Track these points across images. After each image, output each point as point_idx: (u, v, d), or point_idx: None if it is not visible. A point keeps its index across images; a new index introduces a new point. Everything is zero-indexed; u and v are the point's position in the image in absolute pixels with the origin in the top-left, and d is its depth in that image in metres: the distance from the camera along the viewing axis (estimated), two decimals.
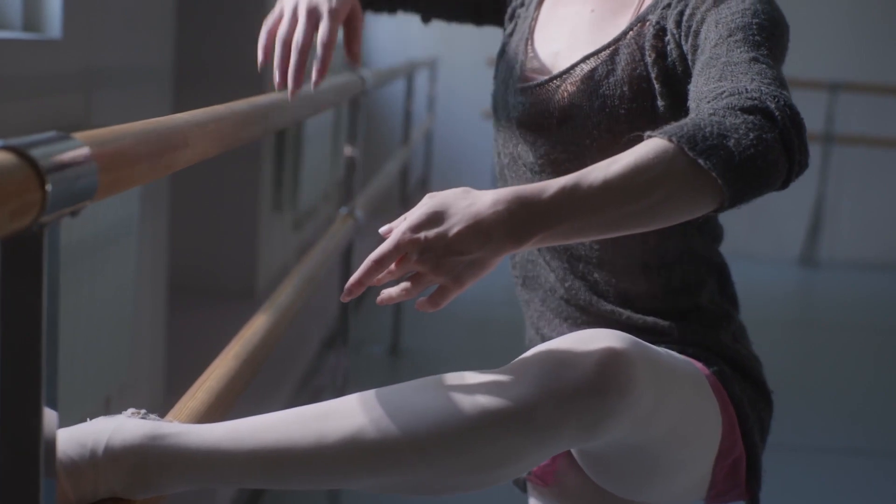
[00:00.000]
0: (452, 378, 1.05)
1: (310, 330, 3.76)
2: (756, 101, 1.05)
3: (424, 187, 5.62)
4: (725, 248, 1.45)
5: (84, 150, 0.75)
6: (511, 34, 1.51)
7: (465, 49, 6.29)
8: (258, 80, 3.98)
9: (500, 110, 1.45)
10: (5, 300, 0.72)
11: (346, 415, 1.03)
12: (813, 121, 6.30)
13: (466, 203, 1.01)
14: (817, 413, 3.59)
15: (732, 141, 1.01)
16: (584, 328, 1.37)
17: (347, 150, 2.49)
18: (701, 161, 1.00)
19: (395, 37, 6.54)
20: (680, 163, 1.00)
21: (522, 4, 1.53)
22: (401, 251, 1.02)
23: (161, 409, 1.12)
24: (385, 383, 1.11)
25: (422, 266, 1.02)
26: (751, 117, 1.04)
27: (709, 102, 1.09)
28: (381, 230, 1.06)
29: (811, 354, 4.48)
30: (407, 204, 4.32)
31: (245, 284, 4.12)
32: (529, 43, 1.44)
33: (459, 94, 6.32)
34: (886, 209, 6.48)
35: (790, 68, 5.80)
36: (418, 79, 6.00)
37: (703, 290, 1.39)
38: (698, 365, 1.28)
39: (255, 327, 1.48)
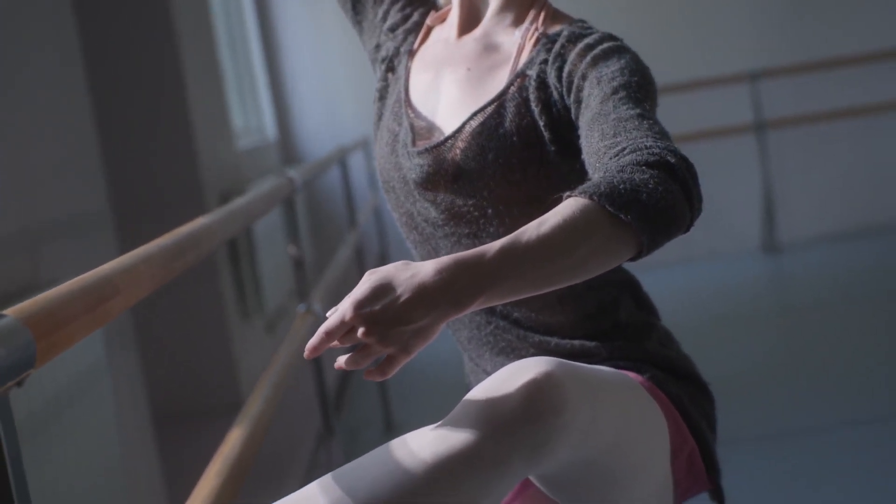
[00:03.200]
0: (398, 444, 1.12)
1: (303, 428, 3.79)
2: (657, 157, 1.16)
3: (384, 263, 5.68)
4: (687, 254, 1.53)
5: (16, 323, 0.81)
6: (383, 97, 1.59)
7: None
8: (199, 200, 4.05)
9: (391, 172, 1.52)
10: None
11: (307, 502, 1.10)
12: (741, 113, 6.43)
13: (409, 274, 1.08)
14: (808, 395, 3.63)
15: (644, 195, 1.12)
16: (516, 358, 1.45)
17: (291, 250, 2.55)
18: (621, 215, 1.10)
19: (325, 124, 6.64)
20: (602, 218, 1.11)
21: (393, 62, 1.60)
22: (347, 326, 1.08)
23: None
24: None
25: (369, 338, 1.08)
26: (655, 172, 1.15)
27: (612, 159, 1.20)
28: (328, 314, 1.12)
29: (790, 338, 4.53)
30: None
31: (230, 398, 4.15)
32: (408, 105, 1.52)
33: None
34: (832, 180, 6.59)
35: (709, 68, 5.92)
36: (355, 160, 6.08)
37: (620, 307, 1.47)
38: (631, 374, 1.36)
39: (232, 441, 1.53)
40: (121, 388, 2.70)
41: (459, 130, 1.42)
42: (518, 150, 1.39)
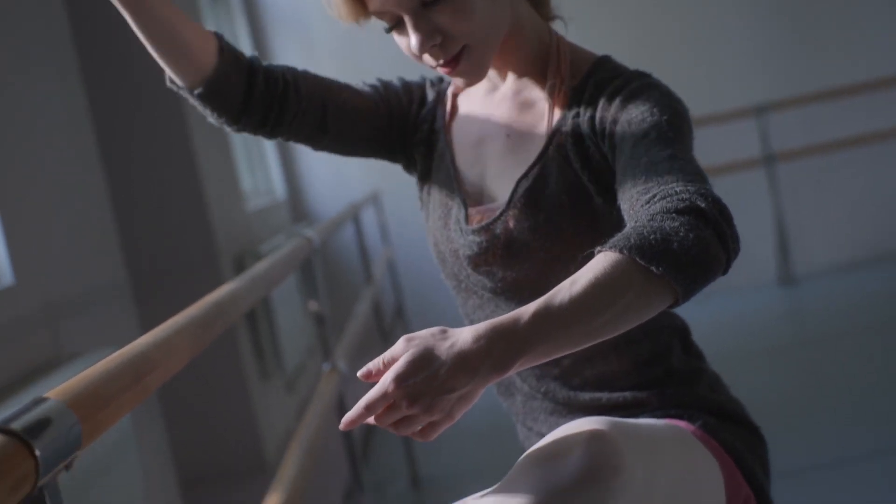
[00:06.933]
0: None
1: (330, 485, 3.77)
2: (688, 202, 1.14)
3: (401, 317, 5.67)
4: (705, 290, 1.50)
5: (60, 406, 0.81)
6: (429, 171, 1.58)
7: (403, 176, 6.40)
8: (215, 264, 4.06)
9: (443, 245, 1.52)
10: None
11: None
12: (749, 147, 6.44)
13: (448, 344, 1.07)
14: (837, 426, 3.61)
15: (676, 244, 1.10)
16: (570, 417, 1.45)
17: (312, 306, 2.55)
18: (653, 268, 1.08)
19: (333, 180, 6.65)
20: (634, 272, 1.09)
21: (431, 139, 1.60)
22: (388, 399, 1.07)
23: None
24: None
25: (414, 410, 1.07)
26: (686, 218, 1.12)
27: (643, 206, 1.19)
28: (359, 374, 1.11)
29: (813, 370, 4.50)
30: (387, 339, 4.35)
31: (255, 459, 4.13)
32: (458, 181, 1.51)
33: (409, 220, 6.40)
34: (845, 209, 6.58)
35: (716, 104, 5.90)
36: (366, 214, 6.09)
37: (671, 355, 1.46)
38: (682, 424, 1.35)
39: None
40: (147, 456, 2.69)
41: (509, 202, 1.43)
42: (568, 208, 1.38)
